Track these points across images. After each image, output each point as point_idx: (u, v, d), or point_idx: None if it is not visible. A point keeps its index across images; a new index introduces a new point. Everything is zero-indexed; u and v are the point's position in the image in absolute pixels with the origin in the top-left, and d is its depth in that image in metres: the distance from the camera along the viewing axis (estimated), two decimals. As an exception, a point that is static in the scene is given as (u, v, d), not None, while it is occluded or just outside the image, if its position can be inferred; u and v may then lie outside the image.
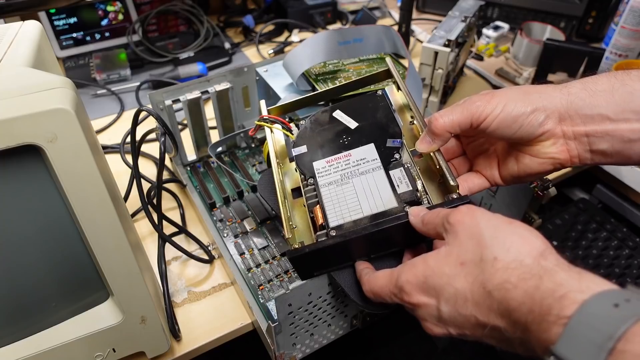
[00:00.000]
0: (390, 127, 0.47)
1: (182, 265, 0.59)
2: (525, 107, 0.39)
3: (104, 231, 0.37)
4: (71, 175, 0.33)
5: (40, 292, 0.40)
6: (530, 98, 0.40)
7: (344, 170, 0.45)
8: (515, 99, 0.40)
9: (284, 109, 0.52)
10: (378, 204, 0.41)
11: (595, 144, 0.40)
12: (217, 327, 0.53)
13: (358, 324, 0.52)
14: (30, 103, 0.30)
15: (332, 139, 0.48)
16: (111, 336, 0.44)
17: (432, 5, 1.18)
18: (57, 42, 0.95)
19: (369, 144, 0.46)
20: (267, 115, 0.51)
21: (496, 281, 0.30)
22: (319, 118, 0.50)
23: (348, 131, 0.48)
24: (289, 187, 0.47)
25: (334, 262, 0.42)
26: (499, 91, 0.41)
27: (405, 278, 0.35)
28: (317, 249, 0.40)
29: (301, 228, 0.44)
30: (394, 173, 0.43)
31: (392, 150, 0.45)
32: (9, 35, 0.39)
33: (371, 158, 0.45)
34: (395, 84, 0.51)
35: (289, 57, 0.60)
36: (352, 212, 0.42)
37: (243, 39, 1.08)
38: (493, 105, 0.40)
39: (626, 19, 0.87)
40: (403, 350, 0.85)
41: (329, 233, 0.41)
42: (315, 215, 0.43)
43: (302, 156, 0.47)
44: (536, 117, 0.39)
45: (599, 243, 0.76)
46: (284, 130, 0.50)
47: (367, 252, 0.42)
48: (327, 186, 0.44)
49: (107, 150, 0.77)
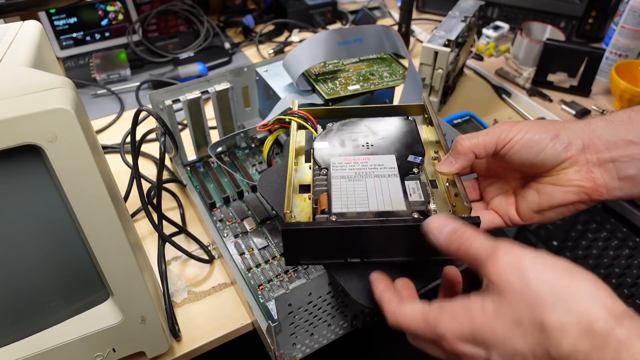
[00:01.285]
0: (414, 146, 0.47)
1: (182, 265, 0.59)
2: (548, 132, 0.40)
3: (104, 231, 0.37)
4: (71, 175, 0.33)
5: (40, 292, 0.40)
6: (553, 126, 0.41)
7: (360, 170, 0.45)
8: (538, 125, 0.41)
9: (312, 112, 0.53)
10: (386, 202, 0.41)
11: (622, 170, 0.39)
12: (217, 327, 0.53)
13: (358, 324, 0.53)
14: (30, 103, 0.30)
15: (354, 143, 0.48)
16: (111, 336, 0.44)
17: (432, 5, 1.18)
18: (57, 42, 0.95)
19: (390, 154, 0.46)
20: (297, 111, 0.51)
21: (565, 349, 0.27)
22: (346, 123, 0.51)
23: (372, 140, 0.49)
24: (298, 183, 0.47)
25: (325, 252, 0.41)
26: (523, 121, 0.42)
27: (447, 327, 0.32)
28: (313, 228, 0.38)
29: (300, 216, 0.43)
30: (409, 183, 0.43)
31: (412, 165, 0.45)
32: (9, 35, 0.39)
33: (389, 166, 0.45)
34: (428, 119, 0.52)
35: (289, 57, 0.60)
36: (358, 204, 0.41)
37: (243, 39, 1.08)
38: (517, 129, 0.41)
39: (626, 19, 0.87)
40: (403, 350, 0.85)
41: (330, 218, 0.39)
42: (319, 202, 0.42)
43: (322, 150, 0.48)
44: (560, 142, 0.40)
45: (599, 243, 0.76)
46: (310, 128, 0.51)
47: (362, 252, 0.40)
48: (339, 179, 0.44)
49: (107, 150, 0.77)
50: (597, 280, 0.29)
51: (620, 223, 0.79)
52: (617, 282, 0.71)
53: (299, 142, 0.51)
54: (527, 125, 0.41)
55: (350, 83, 0.60)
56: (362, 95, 0.60)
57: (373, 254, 0.40)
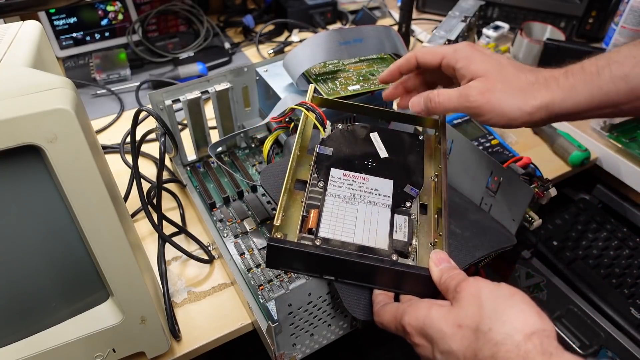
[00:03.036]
0: (414, 175, 0.48)
1: (182, 266, 0.59)
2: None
3: (104, 231, 0.37)
4: (71, 175, 0.33)
5: (40, 292, 0.40)
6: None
7: (356, 191, 0.46)
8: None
9: (327, 102, 0.54)
10: (371, 238, 0.42)
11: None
12: (217, 327, 0.53)
13: (358, 324, 0.52)
14: (30, 103, 0.30)
15: (358, 157, 0.49)
16: (111, 336, 0.44)
17: (432, 5, 1.18)
18: (57, 42, 0.95)
19: (389, 179, 0.47)
20: (309, 103, 0.52)
21: (487, 353, 0.32)
22: (356, 130, 0.51)
23: (376, 158, 0.49)
24: (296, 176, 0.47)
25: (304, 267, 0.43)
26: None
27: (408, 320, 0.38)
28: (297, 250, 0.41)
29: (289, 221, 0.44)
30: (398, 218, 0.44)
31: (407, 197, 0.46)
32: (9, 35, 0.39)
33: (385, 194, 0.46)
34: (438, 137, 0.53)
35: (289, 57, 0.60)
36: (344, 232, 0.42)
37: (243, 39, 1.08)
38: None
39: (626, 19, 0.87)
40: (403, 350, 0.85)
41: (315, 241, 0.41)
42: (309, 217, 0.43)
43: (325, 157, 0.48)
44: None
45: (599, 243, 0.76)
46: (317, 123, 0.51)
47: (338, 274, 0.43)
48: (334, 197, 0.45)
49: (107, 150, 0.77)
50: (533, 304, 0.34)
51: (620, 223, 0.79)
52: (617, 282, 0.71)
53: (305, 132, 0.52)
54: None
55: (350, 83, 0.60)
56: (362, 96, 0.60)
57: (347, 277, 0.43)
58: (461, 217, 0.54)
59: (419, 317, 0.37)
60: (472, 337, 0.33)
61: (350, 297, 0.43)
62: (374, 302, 0.43)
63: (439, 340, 0.35)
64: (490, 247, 0.50)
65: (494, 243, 0.51)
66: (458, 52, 0.46)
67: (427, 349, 0.36)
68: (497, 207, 0.55)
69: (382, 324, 0.41)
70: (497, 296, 0.35)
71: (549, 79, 0.43)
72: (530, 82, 0.43)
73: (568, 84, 0.42)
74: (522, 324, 0.32)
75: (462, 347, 0.34)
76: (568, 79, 0.42)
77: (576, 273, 0.73)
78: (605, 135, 0.76)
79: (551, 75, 0.43)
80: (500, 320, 0.33)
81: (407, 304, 0.39)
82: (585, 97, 0.41)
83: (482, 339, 0.33)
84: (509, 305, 0.34)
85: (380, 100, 0.63)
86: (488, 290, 0.35)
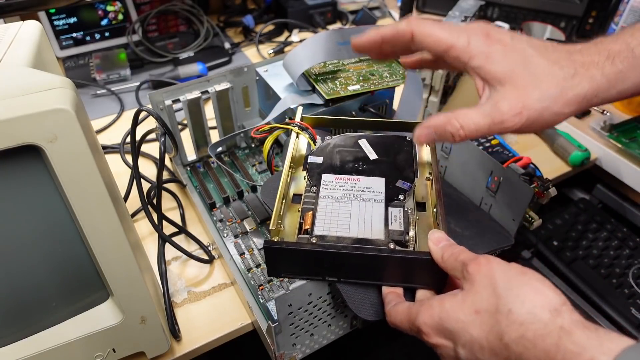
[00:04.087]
0: (405, 171, 0.48)
1: (182, 266, 0.59)
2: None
3: (104, 231, 0.37)
4: (71, 175, 0.33)
5: (40, 292, 0.40)
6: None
7: (348, 191, 0.46)
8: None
9: (316, 121, 0.54)
10: (366, 230, 0.42)
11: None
12: (217, 327, 0.53)
13: (358, 324, 0.52)
14: (30, 103, 0.30)
15: (348, 161, 0.49)
16: (111, 336, 0.44)
17: (432, 5, 1.18)
18: (57, 42, 0.95)
19: (381, 177, 0.47)
20: (300, 122, 0.52)
21: (513, 335, 0.30)
22: (344, 139, 0.52)
23: (366, 160, 0.49)
24: (292, 191, 0.48)
25: (305, 269, 0.43)
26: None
27: (422, 320, 0.36)
28: (293, 249, 0.40)
29: (287, 231, 0.44)
30: (392, 210, 0.44)
31: (399, 191, 0.46)
32: (9, 35, 0.39)
33: (377, 190, 0.46)
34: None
35: (289, 57, 0.60)
36: (339, 228, 0.42)
37: (243, 39, 1.08)
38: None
39: (626, 19, 0.87)
40: (403, 350, 0.85)
41: (311, 239, 0.41)
42: (304, 220, 0.43)
43: (315, 165, 0.48)
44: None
45: (599, 243, 0.76)
46: (309, 140, 0.51)
47: (339, 273, 0.42)
48: (327, 198, 0.45)
49: (107, 150, 0.77)
50: (545, 279, 0.33)
51: (620, 223, 0.79)
52: (617, 282, 0.71)
53: (298, 151, 0.52)
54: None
55: (350, 83, 0.60)
56: (362, 96, 0.60)
57: (349, 275, 0.43)
58: (461, 216, 0.54)
59: (433, 314, 0.35)
60: (492, 321, 0.32)
61: (355, 298, 0.43)
62: (385, 301, 0.41)
63: (459, 331, 0.33)
64: (488, 247, 0.50)
65: (492, 243, 0.51)
66: (472, 45, 0.38)
67: (448, 348, 0.35)
68: (497, 207, 0.55)
69: (395, 324, 0.40)
70: (510, 276, 0.33)
71: (590, 65, 0.37)
72: (568, 77, 0.37)
73: (615, 71, 0.37)
74: (542, 301, 0.31)
75: (483, 333, 0.32)
76: (615, 65, 0.37)
77: (576, 273, 0.73)
78: (605, 135, 0.76)
79: (591, 60, 0.37)
80: (518, 299, 0.31)
81: (419, 304, 0.38)
82: (633, 83, 0.37)
83: (504, 322, 0.31)
84: (523, 282, 0.32)
85: (380, 100, 0.63)
86: (501, 270, 0.33)
